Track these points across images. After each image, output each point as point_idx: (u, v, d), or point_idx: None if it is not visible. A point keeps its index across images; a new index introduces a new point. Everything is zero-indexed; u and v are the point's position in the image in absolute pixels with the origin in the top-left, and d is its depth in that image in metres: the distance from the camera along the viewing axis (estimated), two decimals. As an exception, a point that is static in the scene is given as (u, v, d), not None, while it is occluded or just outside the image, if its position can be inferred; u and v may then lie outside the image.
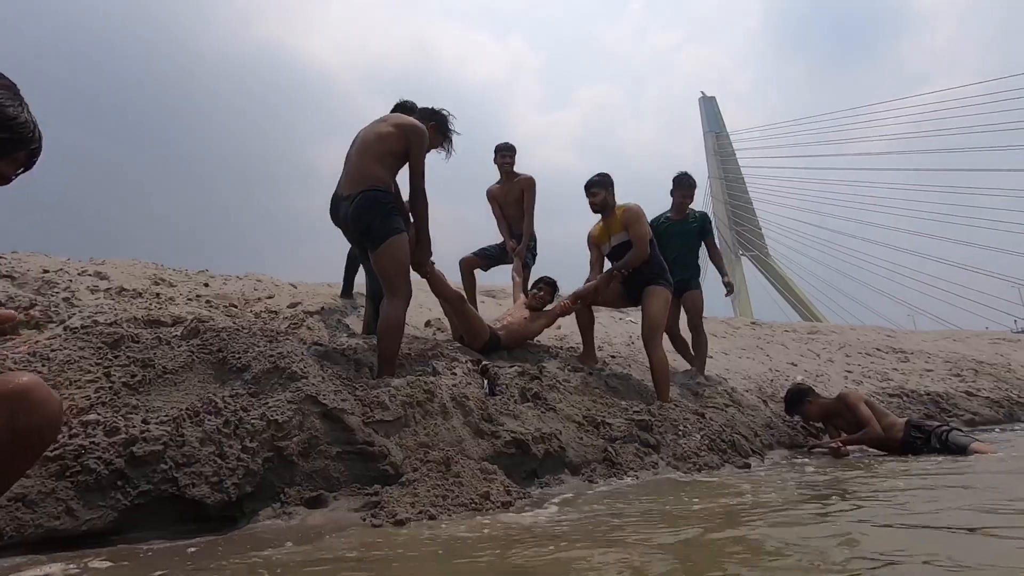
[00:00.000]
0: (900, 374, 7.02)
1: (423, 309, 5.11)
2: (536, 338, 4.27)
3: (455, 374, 3.02)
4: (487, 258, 4.51)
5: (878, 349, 8.49)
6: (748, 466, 3.11)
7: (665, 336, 4.09)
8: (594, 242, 4.02)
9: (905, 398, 5.65)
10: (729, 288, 4.64)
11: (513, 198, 4.50)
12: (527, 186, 4.44)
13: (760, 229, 47.84)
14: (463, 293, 3.50)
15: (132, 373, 2.18)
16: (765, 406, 4.14)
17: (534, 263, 4.41)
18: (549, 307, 4.03)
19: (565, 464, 2.70)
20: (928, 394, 5.90)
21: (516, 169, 4.56)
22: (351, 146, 2.96)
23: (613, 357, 4.64)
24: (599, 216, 3.96)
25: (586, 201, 3.90)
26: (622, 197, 4.00)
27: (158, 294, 3.37)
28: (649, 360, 3.66)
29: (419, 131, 2.82)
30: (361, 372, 2.77)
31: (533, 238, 4.43)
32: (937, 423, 3.69)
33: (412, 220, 2.96)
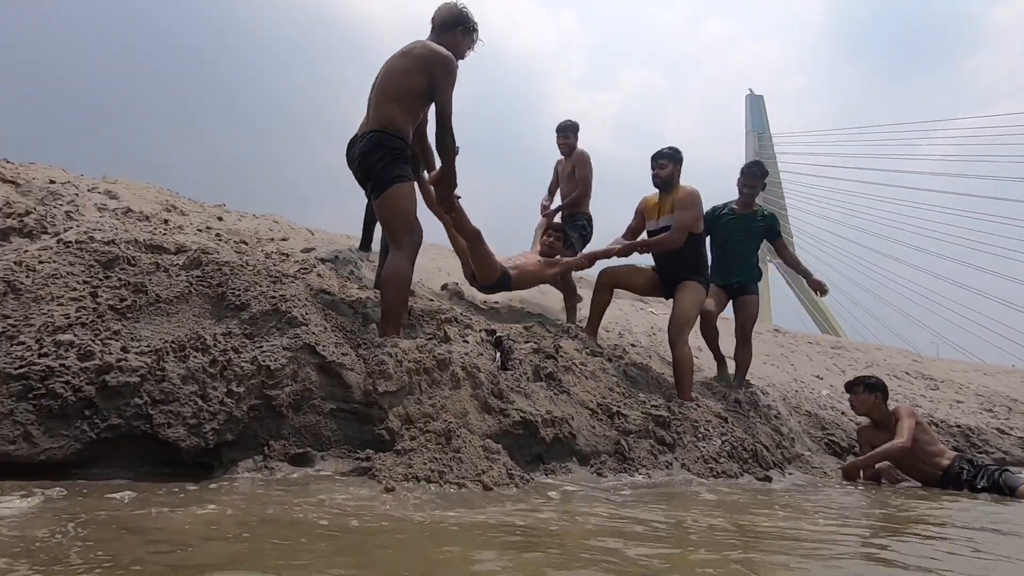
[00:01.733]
0: (929, 402, 6.67)
1: (441, 273, 4.91)
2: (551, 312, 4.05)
3: (467, 342, 2.81)
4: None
5: (907, 373, 8.12)
6: (769, 479, 2.88)
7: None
8: (641, 210, 3.67)
9: (934, 428, 5.33)
10: (820, 288, 3.99)
11: (567, 173, 4.43)
12: (578, 162, 4.33)
13: (792, 237, 46.62)
14: (480, 231, 3.27)
15: (122, 296, 2.01)
16: (790, 417, 3.88)
17: (583, 247, 4.17)
18: (564, 259, 3.77)
19: (574, 452, 2.50)
20: (959, 426, 5.56)
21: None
22: (375, 80, 2.69)
23: (633, 346, 4.40)
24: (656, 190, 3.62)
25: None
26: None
27: (167, 220, 3.21)
28: (672, 355, 3.38)
29: (445, 63, 2.51)
30: (368, 327, 2.58)
31: (587, 217, 4.26)
32: (993, 464, 3.38)
33: (438, 156, 2.68)
